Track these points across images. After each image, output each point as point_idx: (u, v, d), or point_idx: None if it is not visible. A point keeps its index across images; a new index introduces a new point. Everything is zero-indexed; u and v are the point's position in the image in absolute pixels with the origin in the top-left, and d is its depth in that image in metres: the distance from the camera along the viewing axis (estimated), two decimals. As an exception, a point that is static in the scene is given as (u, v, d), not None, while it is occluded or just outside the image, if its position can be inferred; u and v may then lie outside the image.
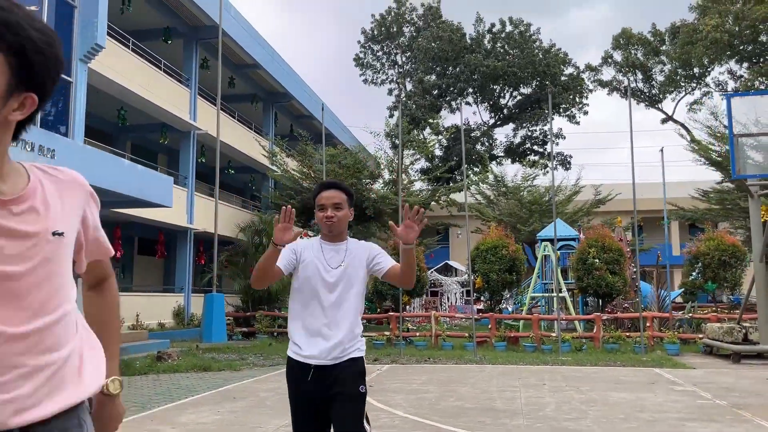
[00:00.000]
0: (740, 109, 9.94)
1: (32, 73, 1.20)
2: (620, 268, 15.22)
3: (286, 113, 30.06)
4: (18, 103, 1.19)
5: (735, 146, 9.45)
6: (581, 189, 31.55)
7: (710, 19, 33.34)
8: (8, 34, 1.14)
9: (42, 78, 1.22)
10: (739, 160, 9.49)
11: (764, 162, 9.88)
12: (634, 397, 7.76)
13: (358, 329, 2.97)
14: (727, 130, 25.06)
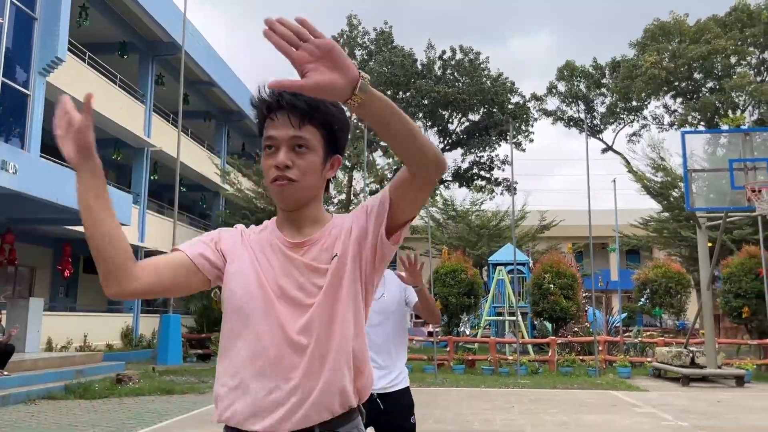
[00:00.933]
0: (692, 144, 10.64)
1: (336, 140, 1.47)
2: (574, 293, 15.79)
3: (239, 131, 29.84)
4: (330, 164, 1.46)
5: (689, 181, 10.10)
6: (527, 214, 32.52)
7: (649, 56, 35.24)
8: (319, 114, 1.40)
9: (343, 142, 1.47)
10: (692, 194, 10.14)
11: (714, 197, 10.58)
12: (602, 419, 8.09)
13: None
14: (664, 162, 26.63)
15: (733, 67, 36.25)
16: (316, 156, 1.42)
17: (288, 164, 1.39)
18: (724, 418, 8.21)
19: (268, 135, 1.43)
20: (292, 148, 1.40)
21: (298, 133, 1.40)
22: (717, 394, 10.83)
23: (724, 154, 11.34)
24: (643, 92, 36.40)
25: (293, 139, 1.40)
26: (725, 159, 10.10)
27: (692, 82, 36.61)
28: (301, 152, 1.40)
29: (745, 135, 10.17)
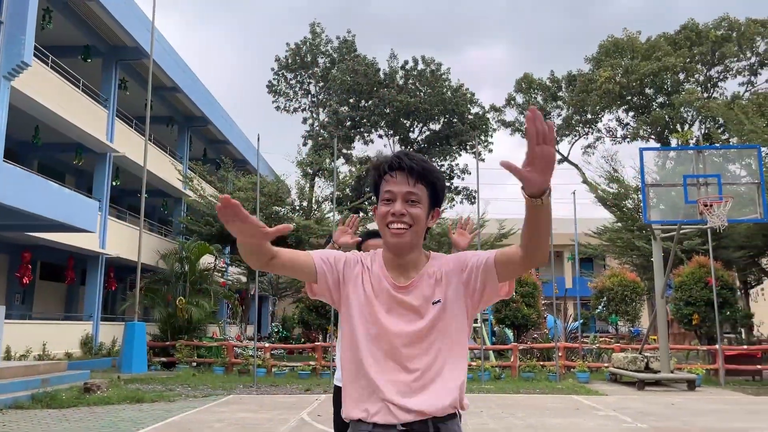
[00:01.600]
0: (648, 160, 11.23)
1: (437, 197, 1.83)
2: (535, 301, 16.31)
3: (201, 137, 29.63)
4: (431, 215, 1.80)
5: (646, 195, 10.68)
6: (486, 223, 33.16)
7: (604, 71, 36.51)
8: (428, 176, 1.77)
9: (442, 199, 1.79)
10: (649, 208, 10.71)
11: (669, 210, 11.19)
12: (568, 422, 8.49)
13: None
14: (617, 173, 27.64)
15: (682, 83, 37.86)
16: (423, 209, 1.73)
17: (403, 213, 1.70)
18: (679, 420, 8.72)
19: (387, 189, 1.74)
20: (406, 201, 1.71)
21: (412, 189, 1.73)
22: (671, 397, 11.41)
23: (672, 166, 11.98)
24: (597, 106, 37.67)
25: (408, 194, 1.72)
26: (677, 173, 10.73)
27: (644, 97, 38.06)
28: (413, 204, 1.71)
29: (697, 152, 10.82)
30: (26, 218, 12.43)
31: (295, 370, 15.43)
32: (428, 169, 1.76)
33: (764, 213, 10.48)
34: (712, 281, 13.85)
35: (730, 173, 10.89)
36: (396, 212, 1.71)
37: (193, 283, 17.55)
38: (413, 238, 1.75)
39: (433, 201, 1.82)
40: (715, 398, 11.36)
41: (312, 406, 10.07)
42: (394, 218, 1.71)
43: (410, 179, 1.74)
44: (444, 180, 1.85)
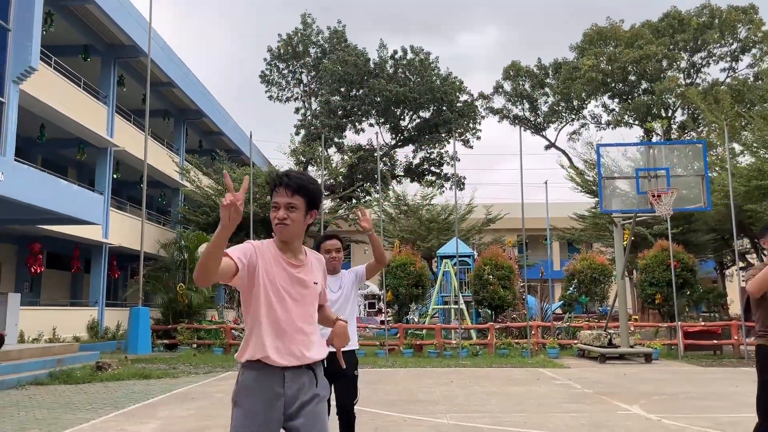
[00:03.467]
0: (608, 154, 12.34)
1: (313, 203, 2.59)
2: (510, 284, 17.48)
3: (197, 129, 30.58)
4: (309, 215, 2.58)
5: (603, 186, 11.80)
6: (474, 208, 34.25)
7: (587, 59, 37.47)
8: (305, 191, 2.54)
9: (318, 204, 2.61)
10: (606, 198, 11.84)
11: (625, 200, 12.32)
12: (525, 389, 9.69)
13: None
14: (602, 159, 28.79)
15: (665, 70, 38.85)
16: (300, 213, 2.56)
17: (284, 217, 2.53)
18: (623, 387, 9.91)
19: (274, 200, 2.56)
20: (287, 208, 2.54)
21: (291, 201, 2.53)
22: (626, 369, 12.64)
23: (634, 157, 13.06)
24: (582, 93, 38.68)
25: (288, 204, 2.54)
26: (632, 167, 11.84)
27: (627, 85, 39.09)
28: (292, 210, 2.55)
29: (649, 148, 11.92)
30: (37, 213, 13.49)
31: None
32: (303, 185, 2.52)
33: (707, 202, 11.64)
34: (671, 263, 15.01)
35: (681, 167, 11.99)
36: (279, 218, 2.51)
37: (192, 271, 18.69)
38: (293, 230, 2.54)
39: (310, 206, 2.56)
40: (665, 369, 12.59)
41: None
42: (278, 221, 2.50)
43: (289, 192, 2.51)
44: (318, 190, 2.59)
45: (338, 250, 4.53)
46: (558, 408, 7.84)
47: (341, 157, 41.12)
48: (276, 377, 2.50)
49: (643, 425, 6.67)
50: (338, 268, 4.54)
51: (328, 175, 34.74)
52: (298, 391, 2.52)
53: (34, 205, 12.93)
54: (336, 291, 4.47)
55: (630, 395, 8.82)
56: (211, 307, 20.32)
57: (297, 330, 2.55)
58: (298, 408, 2.50)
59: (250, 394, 2.49)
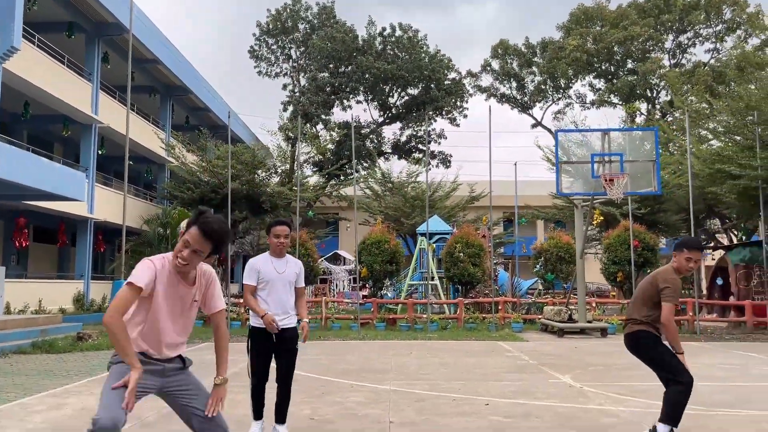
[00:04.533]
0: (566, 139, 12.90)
1: (218, 252, 3.10)
2: (480, 261, 18.16)
3: (183, 105, 30.89)
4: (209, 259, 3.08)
5: (560, 170, 12.39)
6: (458, 186, 34.81)
7: (573, 39, 37.78)
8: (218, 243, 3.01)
9: (220, 252, 3.13)
10: (562, 182, 12.44)
11: (583, 183, 12.92)
12: (476, 360, 10.39)
13: None
14: (585, 138, 29.32)
15: (649, 51, 39.21)
16: (202, 257, 3.02)
17: (189, 261, 2.98)
18: (570, 358, 10.62)
19: (186, 238, 2.99)
20: (193, 252, 2.98)
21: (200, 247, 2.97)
22: (581, 343, 13.37)
23: (581, 145, 13.64)
24: (567, 73, 39.05)
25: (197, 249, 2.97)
26: (587, 152, 12.46)
27: (613, 65, 39.47)
28: (197, 255, 3.00)
29: (603, 134, 12.48)
30: (21, 189, 14.00)
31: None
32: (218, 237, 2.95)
33: (657, 186, 12.26)
34: (630, 242, 15.69)
35: (634, 152, 12.58)
36: (184, 258, 2.95)
37: (174, 246, 19.27)
38: (191, 269, 3.04)
39: (213, 252, 3.00)
40: (617, 343, 13.29)
41: (272, 350, 11.91)
42: (182, 261, 2.94)
43: (202, 240, 2.92)
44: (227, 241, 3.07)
45: (286, 236, 5.02)
46: (497, 377, 8.53)
47: (329, 134, 41.57)
48: None
49: (564, 392, 7.36)
50: (284, 253, 5.06)
51: (315, 151, 35.21)
52: None
53: (18, 183, 13.45)
54: (280, 272, 5.01)
55: (569, 366, 9.52)
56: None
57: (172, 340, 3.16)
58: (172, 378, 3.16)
59: None
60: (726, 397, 6.97)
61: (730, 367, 9.62)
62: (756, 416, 5.95)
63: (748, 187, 15.59)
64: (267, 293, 4.98)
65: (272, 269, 4.99)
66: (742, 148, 16.24)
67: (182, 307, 3.11)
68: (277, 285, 4.97)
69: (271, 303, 4.96)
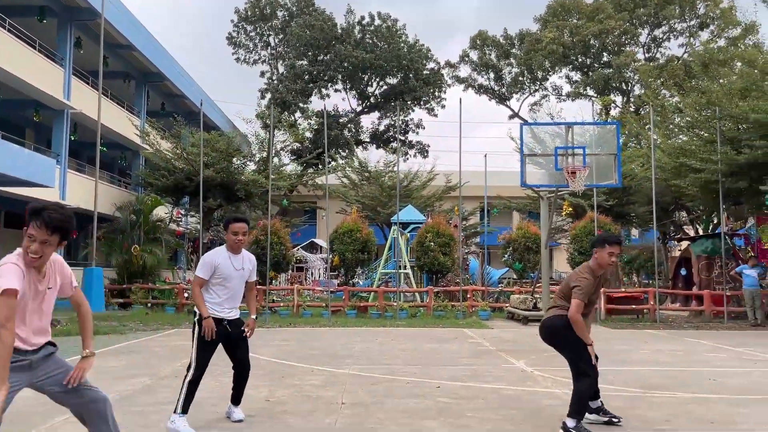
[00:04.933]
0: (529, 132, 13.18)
1: (65, 239, 3.19)
2: (450, 250, 18.48)
3: (159, 92, 30.72)
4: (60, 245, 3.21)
5: (524, 162, 12.70)
6: (435, 176, 35.10)
7: (549, 32, 38.14)
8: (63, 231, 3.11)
9: (68, 238, 3.25)
10: (526, 173, 12.74)
11: (548, 176, 13.25)
12: (438, 346, 10.70)
13: None
14: (560, 130, 29.73)
15: (624, 45, 39.72)
16: (53, 248, 3.14)
17: (39, 254, 3.06)
18: (528, 345, 10.96)
19: (30, 232, 3.06)
20: (42, 244, 3.06)
21: (47, 238, 3.06)
22: (544, 330, 13.75)
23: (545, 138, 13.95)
24: (543, 65, 39.44)
25: (44, 240, 3.05)
26: (552, 145, 12.77)
27: (589, 57, 39.94)
28: (46, 246, 3.07)
29: (567, 127, 12.80)
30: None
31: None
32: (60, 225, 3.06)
33: (618, 179, 12.64)
34: (596, 233, 16.06)
35: (603, 145, 12.92)
36: (34, 252, 3.05)
37: (147, 233, 19.35)
38: (44, 261, 3.13)
39: (62, 240, 3.13)
40: (578, 331, 13.74)
41: (240, 336, 12.11)
42: (33, 255, 3.04)
43: (47, 231, 3.03)
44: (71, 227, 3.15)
45: (244, 233, 5.06)
46: (454, 362, 8.84)
47: (307, 122, 41.59)
48: None
49: (515, 376, 7.68)
50: (241, 249, 5.10)
51: (292, 139, 35.21)
52: None
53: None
54: (238, 269, 5.07)
55: (525, 352, 9.87)
56: (168, 269, 21.03)
57: None
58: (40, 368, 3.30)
59: None
60: (664, 380, 7.34)
61: (677, 353, 10.05)
62: (686, 398, 6.31)
63: (709, 181, 16.05)
64: (222, 288, 5.01)
65: (230, 265, 5.01)
66: (705, 142, 16.69)
67: (42, 297, 3.24)
68: (233, 281, 5.02)
69: (224, 298, 5.01)
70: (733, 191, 16.16)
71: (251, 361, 5.39)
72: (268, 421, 5.29)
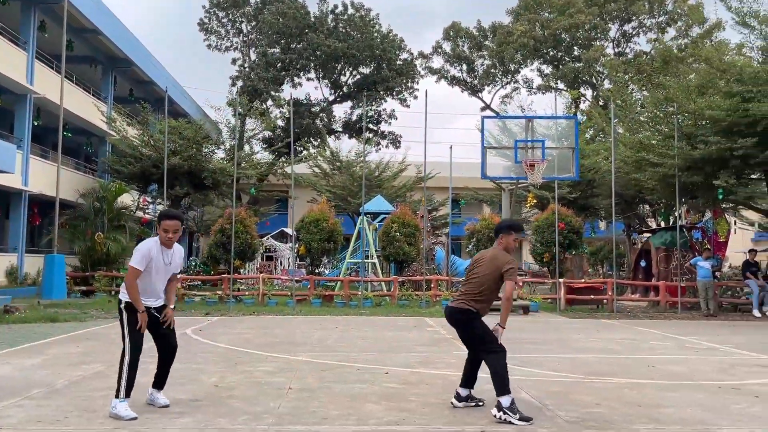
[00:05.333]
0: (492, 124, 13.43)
1: None
2: (415, 240, 18.67)
3: (127, 78, 30.32)
4: None
5: (485, 155, 12.91)
6: (408, 166, 35.27)
7: (520, 25, 38.43)
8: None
9: None
10: (487, 165, 12.96)
11: (508, 167, 13.50)
12: (396, 334, 10.88)
13: None
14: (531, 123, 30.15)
15: (594, 39, 40.21)
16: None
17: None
18: (485, 334, 11.21)
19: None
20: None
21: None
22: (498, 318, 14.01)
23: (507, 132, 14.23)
24: (515, 57, 39.75)
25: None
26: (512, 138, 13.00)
27: (561, 50, 40.34)
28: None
29: (528, 121, 13.05)
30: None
31: (203, 299, 17.48)
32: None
33: (576, 173, 12.94)
34: (556, 225, 16.41)
35: (561, 139, 13.22)
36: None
37: (111, 220, 19.19)
38: None
39: None
40: (534, 320, 14.08)
41: (200, 324, 12.17)
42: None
43: None
44: None
45: (176, 231, 5.09)
46: (408, 349, 9.03)
47: (279, 111, 41.40)
48: None
49: (461, 360, 7.87)
50: (172, 245, 5.15)
51: (263, 127, 35.06)
52: None
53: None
54: (167, 264, 5.17)
55: (480, 340, 10.09)
56: (131, 256, 20.91)
57: None
58: None
59: None
60: (607, 367, 7.62)
61: (626, 341, 10.38)
62: (622, 383, 6.58)
63: (667, 175, 16.46)
64: (149, 280, 5.10)
65: (161, 259, 5.11)
66: (665, 137, 17.10)
67: None
68: (161, 274, 5.15)
69: (149, 289, 5.11)
70: (689, 185, 16.61)
71: (179, 347, 5.44)
72: (212, 405, 5.39)
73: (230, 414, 5.12)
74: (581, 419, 5.09)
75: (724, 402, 5.71)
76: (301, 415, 5.08)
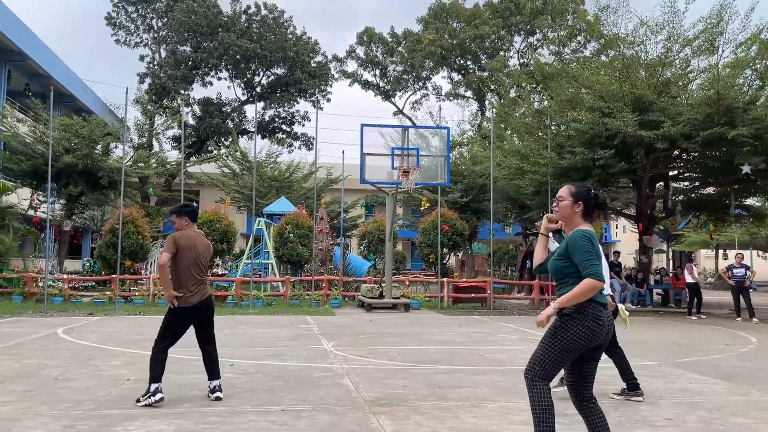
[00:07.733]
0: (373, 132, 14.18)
1: None
2: (309, 242, 19.19)
3: (22, 71, 29.27)
4: None
5: (363, 161, 13.60)
6: (320, 168, 35.66)
7: (428, 33, 39.71)
8: None
9: None
10: (365, 170, 13.67)
11: (386, 172, 14.26)
12: (266, 331, 11.35)
13: None
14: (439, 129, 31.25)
15: (500, 50, 42.06)
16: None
17: None
18: (353, 329, 11.85)
19: None
20: None
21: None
22: (382, 316, 14.77)
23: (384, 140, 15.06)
24: (423, 65, 41.01)
25: None
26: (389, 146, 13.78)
27: (467, 60, 41.94)
28: None
29: (404, 130, 13.86)
30: None
31: (93, 299, 17.32)
32: None
33: (447, 179, 13.84)
34: (439, 228, 17.37)
35: (432, 147, 14.10)
36: None
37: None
38: None
39: None
40: (411, 317, 14.90)
41: (76, 324, 12.20)
42: None
43: None
44: None
45: None
46: (269, 344, 9.54)
47: (190, 109, 40.90)
48: None
49: (313, 355, 8.48)
50: None
51: (175, 125, 34.59)
52: None
53: None
54: None
55: (343, 335, 10.75)
56: (18, 256, 20.33)
57: None
58: None
59: None
60: (441, 356, 8.41)
61: (478, 334, 11.29)
62: (440, 370, 7.35)
63: (541, 182, 17.73)
64: None
65: None
66: (539, 147, 18.39)
67: None
68: None
69: None
70: (560, 192, 17.92)
71: (58, 344, 5.78)
72: (42, 395, 5.72)
73: (55, 402, 5.47)
74: (379, 399, 5.76)
75: (514, 382, 6.55)
76: (121, 402, 5.50)
